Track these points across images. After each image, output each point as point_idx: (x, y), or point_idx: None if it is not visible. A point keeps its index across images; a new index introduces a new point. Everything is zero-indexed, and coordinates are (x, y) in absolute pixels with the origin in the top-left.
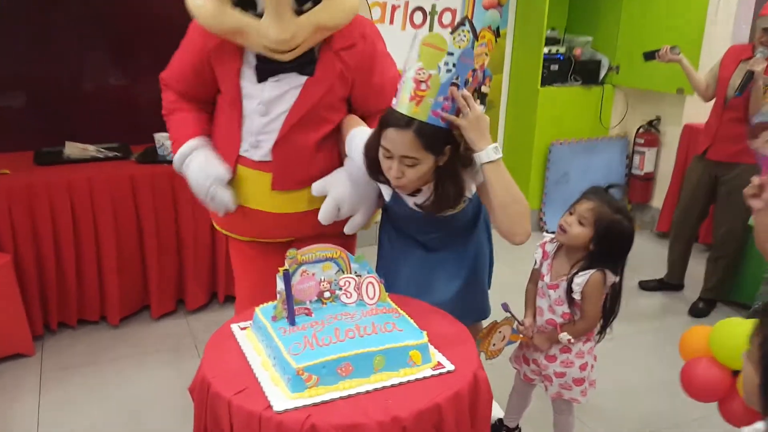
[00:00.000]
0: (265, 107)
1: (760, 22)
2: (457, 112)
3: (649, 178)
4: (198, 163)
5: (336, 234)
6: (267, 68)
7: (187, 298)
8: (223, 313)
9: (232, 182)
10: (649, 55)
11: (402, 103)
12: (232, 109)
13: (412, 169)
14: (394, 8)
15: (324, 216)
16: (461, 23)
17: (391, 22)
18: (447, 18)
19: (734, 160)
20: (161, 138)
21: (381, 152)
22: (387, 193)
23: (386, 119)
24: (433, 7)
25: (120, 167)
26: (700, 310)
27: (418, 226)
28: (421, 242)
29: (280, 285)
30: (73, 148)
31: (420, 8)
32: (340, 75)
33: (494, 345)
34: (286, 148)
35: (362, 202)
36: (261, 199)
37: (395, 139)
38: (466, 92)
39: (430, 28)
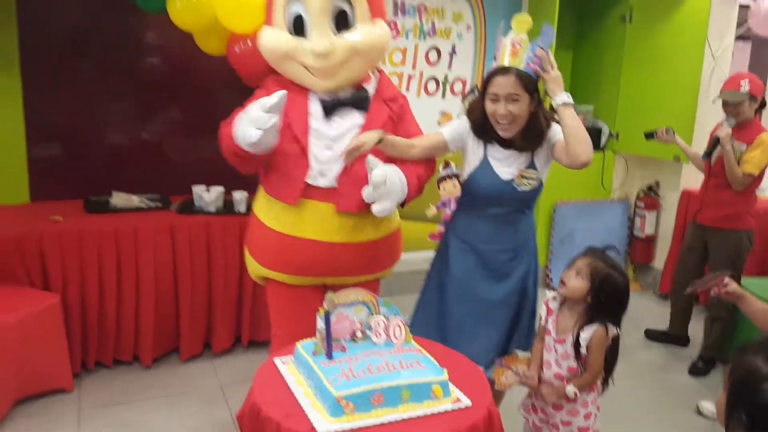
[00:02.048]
0: (332, 142)
1: (721, 95)
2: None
3: (651, 240)
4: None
5: (371, 277)
6: (330, 104)
7: (213, 341)
8: (247, 357)
9: (297, 213)
10: (649, 135)
11: (502, 60)
12: (302, 142)
13: (515, 105)
14: (410, 78)
15: (366, 195)
16: (471, 91)
17: (407, 89)
18: (458, 87)
19: (718, 225)
20: (199, 190)
21: (488, 101)
22: (478, 157)
23: (490, 75)
24: (446, 77)
25: (161, 217)
26: (699, 369)
27: (487, 225)
28: (480, 254)
29: (320, 324)
30: (119, 198)
31: (433, 78)
32: (389, 119)
33: (505, 378)
34: (349, 176)
35: (399, 190)
36: (322, 228)
37: (501, 82)
38: (550, 54)
39: (443, 96)
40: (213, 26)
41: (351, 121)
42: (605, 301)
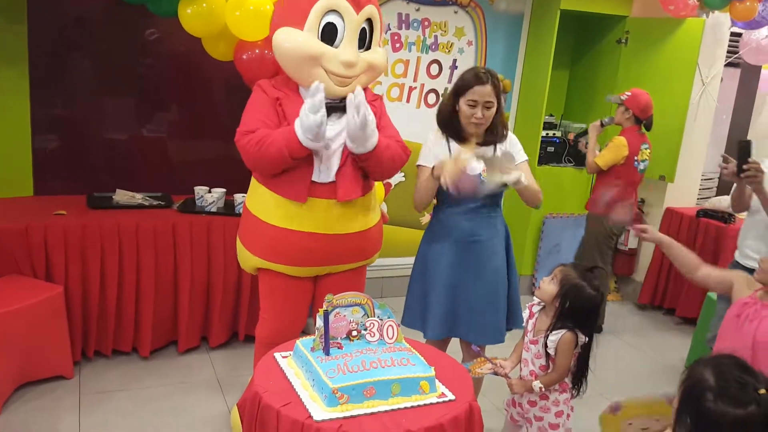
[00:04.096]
0: (330, 142)
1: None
2: None
3: (633, 254)
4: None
5: (361, 263)
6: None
7: (210, 335)
8: (243, 351)
9: (300, 209)
10: (578, 136)
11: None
12: None
13: (489, 110)
14: (411, 89)
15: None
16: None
17: (408, 101)
18: None
19: (587, 206)
20: (200, 190)
21: (465, 105)
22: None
23: (469, 84)
24: (445, 89)
25: (163, 215)
26: None
27: (466, 220)
28: (462, 248)
29: (320, 322)
30: (122, 195)
31: (433, 90)
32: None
33: (481, 369)
34: (346, 171)
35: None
36: (322, 221)
37: (480, 91)
38: None
39: None
40: (222, 33)
41: (343, 122)
42: (569, 308)
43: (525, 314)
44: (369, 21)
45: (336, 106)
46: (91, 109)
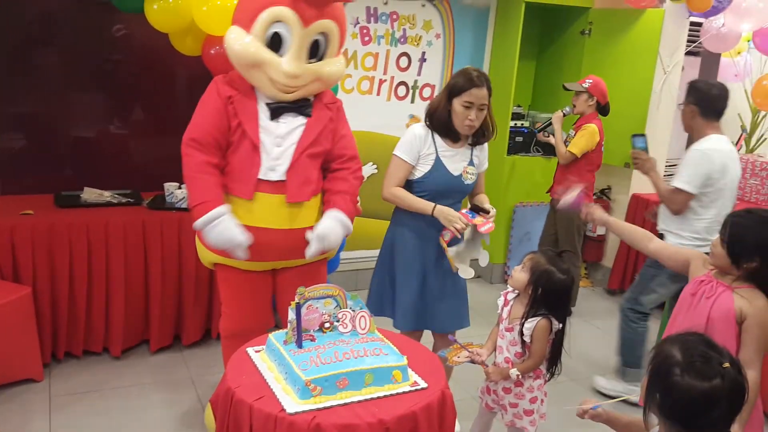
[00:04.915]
0: (281, 140)
1: (565, 84)
2: None
3: (601, 240)
4: (222, 230)
5: (317, 258)
6: (277, 109)
7: (183, 334)
8: (216, 349)
9: (250, 205)
10: (544, 127)
11: None
12: (254, 140)
13: (482, 112)
14: (381, 82)
15: (310, 255)
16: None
17: (378, 93)
18: (427, 92)
19: (556, 197)
20: (170, 187)
21: (461, 106)
22: (431, 158)
23: (466, 86)
24: (415, 82)
25: (133, 213)
26: None
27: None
28: (431, 243)
29: (292, 315)
30: (90, 193)
31: (403, 83)
32: (330, 120)
33: (458, 357)
34: (296, 170)
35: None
36: (273, 217)
37: (477, 94)
38: None
39: (412, 101)
40: (189, 28)
41: (297, 121)
42: (542, 294)
43: (500, 302)
44: (324, 34)
45: (287, 107)
46: (57, 106)
